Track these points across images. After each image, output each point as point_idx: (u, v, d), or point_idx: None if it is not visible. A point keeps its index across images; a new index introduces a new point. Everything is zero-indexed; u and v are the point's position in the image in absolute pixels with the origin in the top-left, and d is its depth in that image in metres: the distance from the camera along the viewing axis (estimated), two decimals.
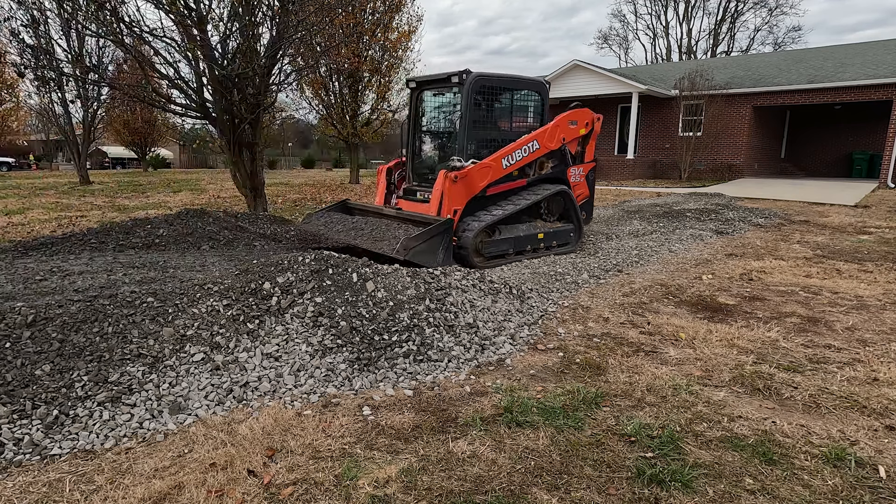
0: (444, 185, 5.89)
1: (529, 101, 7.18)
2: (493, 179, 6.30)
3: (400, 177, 7.35)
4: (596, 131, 7.56)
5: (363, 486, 2.18)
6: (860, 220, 9.83)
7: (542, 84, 7.16)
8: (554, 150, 7.00)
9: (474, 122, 6.44)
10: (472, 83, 6.23)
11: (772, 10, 41.98)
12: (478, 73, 6.32)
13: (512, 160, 6.45)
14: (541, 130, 6.79)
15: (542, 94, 7.16)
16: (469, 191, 6.10)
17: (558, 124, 6.95)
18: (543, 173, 7.01)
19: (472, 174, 6.05)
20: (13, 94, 24.67)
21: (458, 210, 6.01)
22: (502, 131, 6.87)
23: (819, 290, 5.26)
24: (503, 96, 6.85)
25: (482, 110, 6.58)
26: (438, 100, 7.10)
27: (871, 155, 19.91)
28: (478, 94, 6.36)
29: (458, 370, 3.35)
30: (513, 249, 6.43)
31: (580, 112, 7.31)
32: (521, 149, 6.53)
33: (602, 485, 2.22)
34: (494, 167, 6.27)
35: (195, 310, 3.39)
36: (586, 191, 7.69)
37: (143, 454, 2.42)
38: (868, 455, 2.43)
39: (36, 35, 9.93)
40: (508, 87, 6.81)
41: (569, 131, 7.14)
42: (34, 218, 9.96)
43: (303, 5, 8.58)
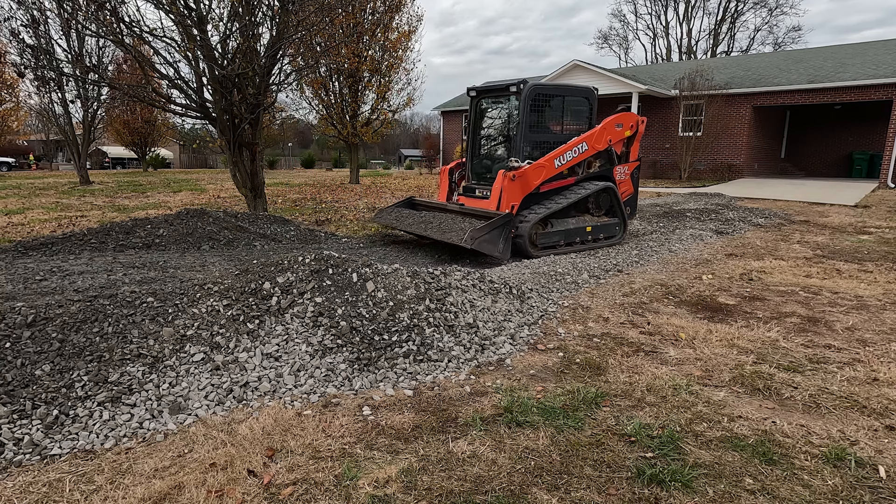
0: (503, 183, 6.49)
1: (579, 107, 7.75)
2: (546, 178, 6.86)
3: (460, 176, 7.99)
4: (640, 132, 8.01)
5: (363, 486, 2.18)
6: (860, 220, 9.83)
7: (591, 91, 7.73)
8: (601, 151, 7.52)
9: (530, 126, 7.03)
10: (528, 92, 6.86)
11: (772, 10, 42.03)
12: (534, 83, 7.02)
13: (563, 160, 6.99)
14: (589, 133, 7.31)
15: (591, 100, 7.71)
16: (525, 188, 6.68)
17: (605, 127, 7.46)
18: (591, 171, 7.59)
19: (528, 173, 6.64)
20: (13, 94, 24.68)
21: (515, 205, 6.60)
22: (554, 134, 7.41)
23: (819, 290, 5.26)
24: (554, 102, 7.40)
25: (536, 116, 7.14)
26: (497, 107, 7.81)
27: (871, 155, 19.91)
28: (533, 101, 6.96)
29: (458, 370, 3.35)
30: (563, 241, 6.98)
31: (626, 115, 7.83)
32: (572, 150, 7.07)
33: (602, 485, 2.22)
34: (548, 167, 6.83)
35: (195, 310, 3.39)
36: (631, 188, 8.13)
37: (143, 454, 2.42)
38: (868, 455, 2.43)
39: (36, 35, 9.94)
40: (560, 94, 7.44)
41: (615, 133, 7.66)
42: (34, 218, 9.96)
43: (303, 5, 8.58)
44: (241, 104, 8.65)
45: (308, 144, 54.83)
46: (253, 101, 8.64)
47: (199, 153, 44.29)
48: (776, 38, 44.97)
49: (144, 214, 10.00)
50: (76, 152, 19.63)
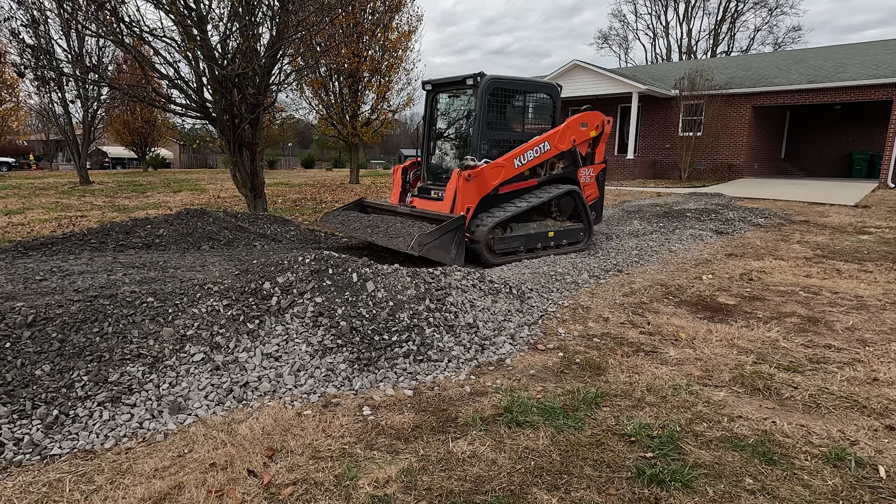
0: (457, 183, 6.10)
1: (541, 104, 7.36)
2: (505, 179, 6.48)
3: (415, 176, 7.54)
4: (606, 133, 7.68)
5: (363, 486, 2.18)
6: (860, 220, 9.83)
7: (554, 87, 7.32)
8: (565, 151, 7.16)
9: (488, 123, 6.61)
10: (486, 85, 6.43)
11: (772, 10, 42.06)
12: (492, 75, 6.50)
13: (524, 160, 6.63)
14: (552, 132, 6.95)
15: (554, 97, 7.33)
16: (481, 189, 6.29)
17: (569, 126, 7.10)
18: (554, 173, 7.16)
19: (485, 173, 6.25)
20: (13, 94, 24.69)
21: (470, 207, 6.20)
22: (515, 132, 7.01)
23: (819, 290, 5.26)
24: (516, 98, 7.01)
25: (495, 112, 6.73)
26: (453, 101, 7.28)
27: (871, 155, 19.91)
28: (491, 96, 6.54)
29: (458, 370, 3.35)
30: (524, 247, 6.62)
31: (591, 115, 7.43)
32: (533, 149, 6.71)
33: (602, 485, 2.22)
34: (507, 167, 6.46)
35: (195, 310, 3.39)
36: (596, 191, 7.79)
37: (143, 454, 2.42)
38: (868, 455, 2.43)
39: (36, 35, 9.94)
40: (521, 89, 6.98)
41: (579, 133, 7.29)
42: (34, 218, 9.96)
43: (303, 5, 8.58)
44: (241, 104, 8.65)
45: (308, 144, 54.83)
46: (253, 101, 8.64)
47: (199, 153, 44.30)
48: (776, 38, 45.00)
49: (144, 214, 10.00)
50: (76, 152, 19.63)
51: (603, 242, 7.76)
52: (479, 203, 6.34)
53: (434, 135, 7.47)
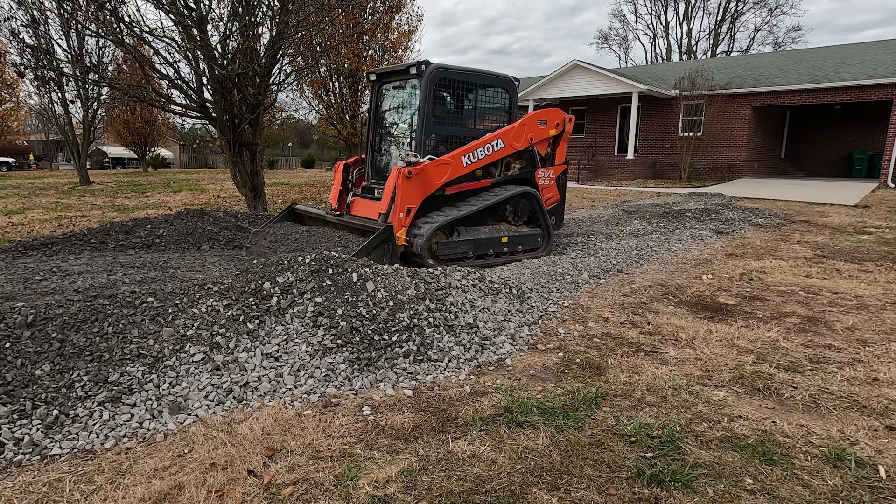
0: (397, 181, 5.56)
1: (496, 98, 6.89)
2: (451, 178, 5.99)
3: (359, 174, 7.07)
4: (567, 132, 7.25)
5: (363, 486, 2.18)
6: (860, 220, 9.83)
7: (510, 80, 6.85)
8: (521, 151, 6.73)
9: (433, 116, 6.16)
10: (430, 75, 5.94)
11: (772, 10, 42.06)
12: (438, 64, 6.08)
13: (473, 158, 6.15)
14: (506, 129, 6.51)
15: (510, 91, 6.87)
16: (424, 188, 5.78)
17: (525, 123, 6.69)
18: (510, 174, 6.73)
19: (428, 171, 5.75)
20: (13, 94, 24.69)
21: (411, 208, 5.69)
22: (465, 128, 6.57)
23: (819, 290, 5.26)
24: (467, 91, 6.54)
25: (443, 105, 6.30)
26: (399, 93, 6.71)
27: (871, 155, 19.91)
28: (437, 86, 6.08)
29: (458, 370, 3.35)
30: (473, 252, 6.17)
31: (550, 112, 7.02)
32: (484, 147, 6.25)
33: (602, 485, 2.22)
34: (453, 165, 5.97)
35: (195, 310, 3.39)
36: (557, 194, 7.35)
37: (143, 454, 2.42)
38: (868, 455, 2.43)
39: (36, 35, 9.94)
40: (472, 81, 6.48)
41: (537, 131, 6.85)
42: (34, 218, 9.96)
43: (303, 5, 8.58)
44: (241, 104, 8.65)
45: (308, 144, 54.83)
46: (253, 101, 8.64)
47: (199, 153, 44.30)
48: (776, 38, 45.02)
49: (144, 214, 10.00)
50: (76, 152, 19.64)
51: (603, 242, 7.75)
52: (423, 204, 5.82)
53: (379, 130, 6.97)
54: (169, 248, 6.49)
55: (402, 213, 5.60)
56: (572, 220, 10.24)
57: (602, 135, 23.19)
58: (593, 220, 10.14)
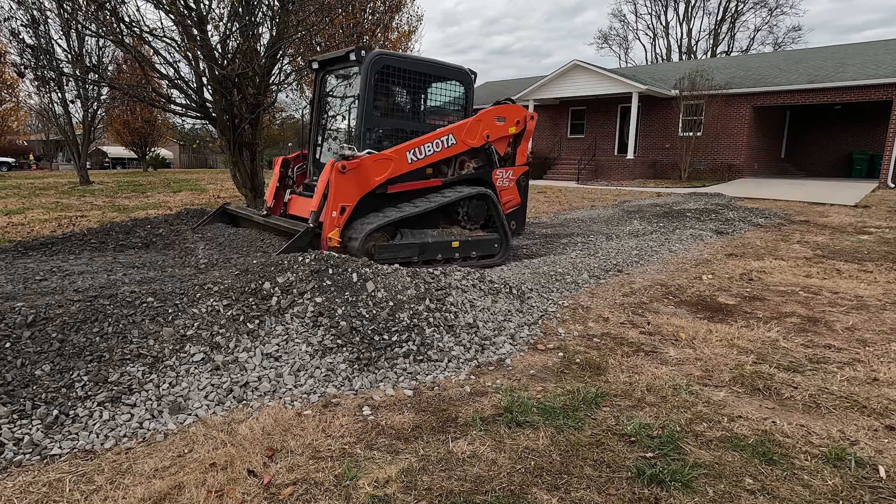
0: (330, 176, 5.11)
1: (451, 92, 6.46)
2: (393, 175, 5.54)
3: (301, 171, 6.64)
4: (529, 131, 6.79)
5: (363, 486, 2.18)
6: (860, 220, 9.83)
7: (465, 73, 6.38)
8: (477, 149, 6.31)
9: (375, 107, 5.73)
10: (371, 62, 5.53)
11: (772, 10, 42.08)
12: (381, 51, 5.73)
13: (420, 154, 5.70)
14: (459, 124, 6.07)
15: (466, 85, 6.42)
16: (362, 185, 5.33)
17: (481, 119, 6.26)
18: (464, 173, 6.28)
19: (366, 166, 5.30)
20: (13, 94, 24.70)
21: (346, 207, 5.24)
22: (414, 122, 6.16)
23: (819, 290, 5.26)
24: (417, 83, 6.08)
25: (388, 96, 5.89)
26: (342, 82, 6.25)
27: (871, 155, 19.92)
28: (381, 75, 5.66)
29: (458, 370, 3.35)
30: (418, 257, 5.73)
31: (509, 108, 6.59)
32: (433, 143, 5.79)
33: (602, 485, 2.22)
34: (397, 160, 5.52)
35: (195, 310, 3.39)
36: (517, 198, 6.85)
37: (143, 454, 2.42)
38: (868, 455, 2.43)
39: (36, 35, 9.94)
40: (422, 71, 6.02)
41: (495, 128, 6.40)
42: (34, 218, 9.96)
43: (303, 5, 8.59)
44: (241, 104, 8.66)
45: None
46: (253, 101, 8.65)
47: (199, 153, 44.31)
48: (776, 38, 45.02)
49: (144, 214, 10.00)
50: (76, 152, 19.64)
51: (603, 242, 7.75)
52: (362, 203, 5.39)
53: (322, 123, 6.50)
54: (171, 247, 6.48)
55: (335, 211, 5.14)
56: (572, 220, 10.24)
57: (602, 135, 23.19)
58: (593, 220, 10.14)
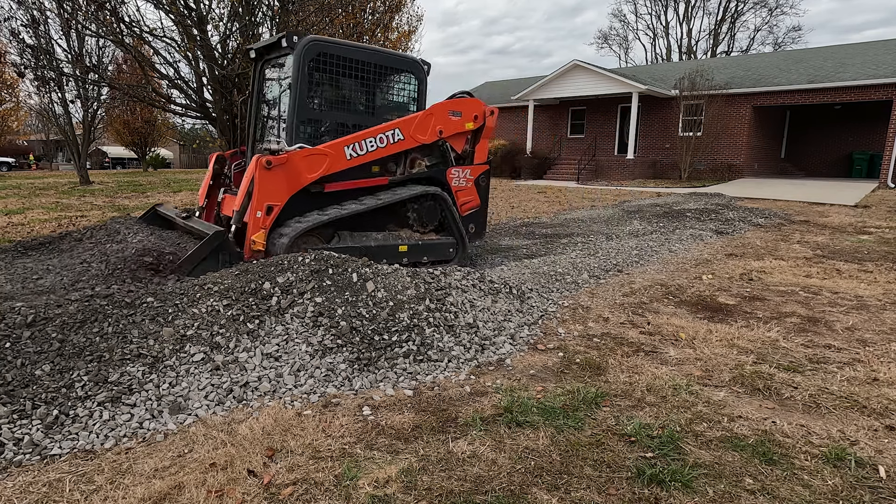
0: (255, 173, 4.74)
1: (401, 84, 6.06)
2: (329, 172, 5.11)
3: (239, 168, 6.21)
4: (489, 128, 6.32)
5: (363, 486, 2.18)
6: (860, 220, 9.83)
7: (417, 63, 5.93)
8: (428, 145, 5.86)
9: (312, 98, 5.37)
10: (305, 49, 5.14)
11: (772, 10, 42.06)
12: (315, 37, 5.30)
13: (360, 150, 5.28)
14: (407, 118, 5.63)
15: (418, 76, 5.98)
16: (292, 183, 4.93)
17: (433, 113, 5.81)
18: (415, 172, 5.86)
19: (296, 162, 4.89)
20: (13, 94, 24.71)
21: (273, 207, 4.83)
22: (358, 116, 5.73)
23: (819, 290, 5.26)
24: (361, 73, 5.62)
25: (324, 86, 5.50)
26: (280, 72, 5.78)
27: (871, 155, 19.92)
28: (316, 63, 5.26)
29: (458, 370, 3.35)
30: None
31: (466, 102, 6.13)
32: (376, 138, 5.38)
33: (602, 485, 2.22)
34: (333, 156, 5.10)
35: (195, 310, 3.39)
36: (475, 199, 6.39)
37: (143, 454, 2.42)
38: (868, 455, 2.43)
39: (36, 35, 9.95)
40: (367, 61, 5.58)
41: (449, 123, 5.92)
42: (34, 218, 9.96)
43: (303, 5, 8.59)
44: (242, 104, 8.66)
45: None
46: None
47: (199, 153, 44.30)
48: (776, 38, 45.02)
49: None
50: (76, 152, 19.64)
51: (603, 242, 7.75)
52: (294, 203, 4.99)
53: (261, 116, 6.05)
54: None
55: (259, 211, 4.75)
56: (572, 220, 10.24)
57: (602, 135, 23.19)
58: (593, 220, 10.14)
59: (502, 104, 25.48)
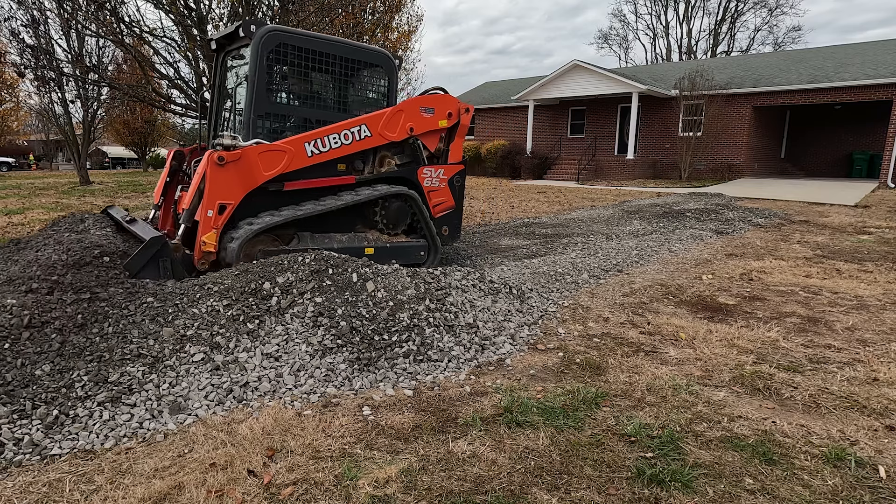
0: (206, 169, 4.47)
1: (370, 78, 5.79)
2: (289, 169, 4.86)
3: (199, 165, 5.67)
4: (464, 126, 6.07)
5: (363, 486, 2.18)
6: (860, 220, 9.83)
7: (387, 56, 5.63)
8: (400, 143, 5.63)
9: (271, 91, 5.14)
10: (263, 39, 4.86)
11: (772, 10, 42.03)
12: (275, 26, 5.04)
13: (322, 147, 5.01)
14: (375, 114, 5.37)
15: (388, 70, 5.69)
16: (247, 181, 4.64)
17: (403, 109, 5.56)
18: (384, 171, 5.61)
19: (250, 158, 4.61)
20: (13, 94, 24.71)
21: (226, 206, 4.55)
22: (323, 112, 5.44)
23: (819, 290, 5.26)
24: (326, 66, 5.33)
25: (287, 79, 5.29)
26: (240, 64, 5.48)
27: (871, 155, 19.92)
28: (276, 54, 5.02)
29: (458, 370, 3.35)
30: None
31: (439, 98, 5.86)
32: (340, 134, 5.12)
33: (602, 485, 2.22)
34: (292, 153, 4.84)
35: (195, 310, 3.39)
36: (450, 200, 6.13)
37: (143, 454, 2.42)
38: (868, 455, 2.43)
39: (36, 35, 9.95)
40: (331, 53, 5.30)
41: (420, 120, 5.68)
42: (34, 218, 9.96)
43: (303, 5, 8.59)
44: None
45: None
46: None
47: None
48: (776, 38, 45.01)
49: (144, 214, 9.99)
50: (76, 152, 19.65)
51: (603, 242, 7.75)
52: (250, 201, 4.71)
53: (222, 111, 5.78)
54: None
55: (211, 210, 4.46)
56: (572, 220, 10.24)
57: (602, 135, 23.20)
58: (593, 220, 10.14)
59: (502, 104, 25.49)
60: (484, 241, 8.06)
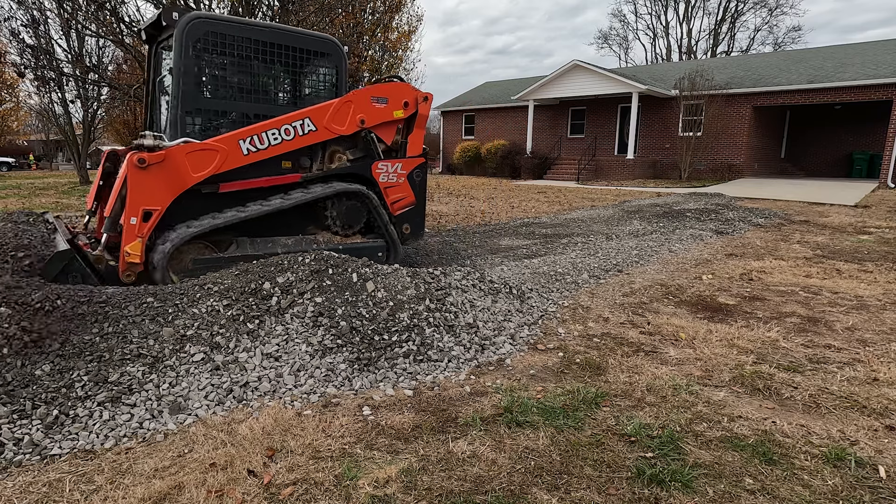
0: (127, 172, 4.09)
1: (314, 68, 5.42)
2: (223, 169, 4.49)
3: None
4: (423, 116, 5.66)
5: (363, 486, 2.18)
6: (860, 220, 9.83)
7: (334, 44, 5.22)
8: (349, 137, 5.23)
9: (201, 85, 4.78)
10: (187, 28, 4.44)
11: (772, 10, 42.02)
12: (200, 13, 4.68)
13: (260, 144, 4.65)
14: (320, 107, 4.97)
15: (336, 59, 5.28)
16: (174, 184, 4.27)
17: (352, 100, 5.14)
18: (335, 167, 5.22)
19: (176, 158, 4.23)
20: (13, 94, 24.72)
21: (153, 211, 4.18)
22: (263, 106, 5.02)
23: (819, 290, 5.26)
24: (263, 56, 4.93)
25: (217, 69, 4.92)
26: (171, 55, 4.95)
27: (871, 155, 19.92)
28: (204, 44, 4.62)
29: (458, 370, 3.35)
30: None
31: (394, 87, 5.46)
32: (280, 129, 4.75)
33: (602, 485, 2.22)
34: (225, 151, 4.47)
35: (195, 310, 3.39)
36: (409, 195, 5.71)
37: (143, 454, 2.42)
38: (868, 455, 2.43)
39: (36, 35, 9.95)
40: (269, 41, 4.89)
41: (373, 111, 5.28)
42: None
43: (303, 5, 8.59)
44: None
45: None
46: None
47: None
48: (776, 38, 45.00)
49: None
50: (76, 152, 19.66)
51: (603, 242, 7.75)
52: (182, 206, 4.36)
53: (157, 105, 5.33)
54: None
55: (134, 217, 4.08)
56: (572, 220, 10.24)
57: (602, 135, 23.20)
58: (593, 220, 10.14)
59: (502, 104, 25.50)
60: (484, 241, 8.06)
